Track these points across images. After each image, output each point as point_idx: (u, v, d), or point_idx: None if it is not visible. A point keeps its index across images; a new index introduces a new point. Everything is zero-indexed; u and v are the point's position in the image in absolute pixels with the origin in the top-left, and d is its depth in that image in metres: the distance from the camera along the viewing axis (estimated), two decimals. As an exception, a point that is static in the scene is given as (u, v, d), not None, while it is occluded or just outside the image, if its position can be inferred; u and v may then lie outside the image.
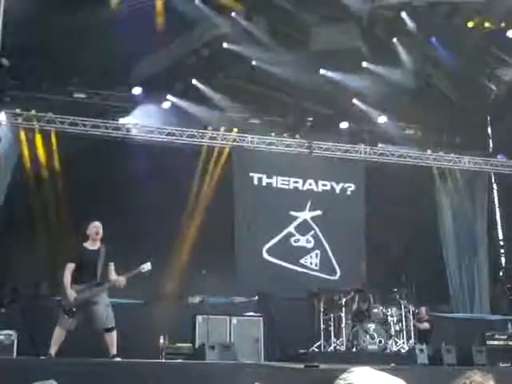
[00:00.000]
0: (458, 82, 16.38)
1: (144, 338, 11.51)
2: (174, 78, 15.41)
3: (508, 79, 17.27)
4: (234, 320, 12.13)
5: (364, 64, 15.66)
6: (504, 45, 16.04)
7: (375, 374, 1.42)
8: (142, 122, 15.35)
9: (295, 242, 15.76)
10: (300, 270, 15.54)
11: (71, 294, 9.03)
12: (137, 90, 15.30)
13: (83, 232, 9.65)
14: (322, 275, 15.52)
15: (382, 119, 16.84)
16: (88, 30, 13.03)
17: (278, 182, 16.07)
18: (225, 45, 14.98)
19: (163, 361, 10.85)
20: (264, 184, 15.97)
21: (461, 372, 1.95)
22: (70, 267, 9.21)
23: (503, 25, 15.18)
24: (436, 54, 15.66)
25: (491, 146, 18.52)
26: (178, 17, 13.74)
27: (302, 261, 15.63)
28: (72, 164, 14.18)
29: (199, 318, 11.96)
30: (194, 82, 15.50)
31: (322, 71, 15.64)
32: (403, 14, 14.86)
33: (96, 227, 9.64)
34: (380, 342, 12.47)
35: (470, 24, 15.14)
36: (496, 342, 12.95)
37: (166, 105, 15.60)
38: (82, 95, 15.44)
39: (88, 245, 9.54)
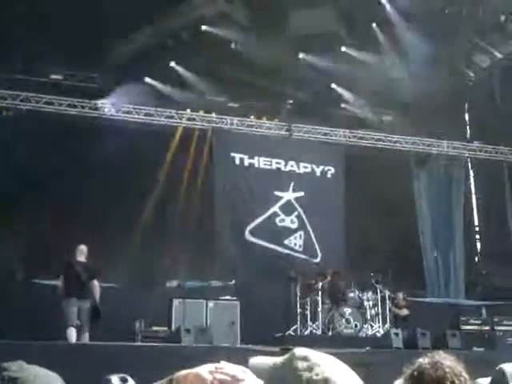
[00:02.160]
0: (435, 69, 16.40)
1: (120, 322, 11.47)
2: (153, 61, 15.26)
3: (486, 66, 17.35)
4: (211, 304, 12.13)
5: (343, 49, 15.63)
6: (482, 31, 16.09)
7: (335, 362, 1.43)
8: (119, 103, 15.21)
9: (280, 221, 15.77)
10: (283, 251, 15.56)
11: None
12: (114, 72, 15.13)
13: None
14: (304, 257, 15.56)
15: (361, 104, 16.85)
16: (65, 11, 12.87)
17: (260, 162, 16.05)
18: (204, 27, 14.86)
19: (138, 343, 10.82)
20: (246, 164, 15.94)
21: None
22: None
23: (481, 11, 15.22)
24: (414, 40, 15.65)
25: (468, 132, 18.62)
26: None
27: (286, 242, 15.66)
28: (46, 145, 14.02)
29: (176, 302, 11.94)
30: (173, 64, 15.38)
31: (301, 55, 15.60)
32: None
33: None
34: (356, 325, 12.55)
35: (448, 10, 15.16)
36: (470, 327, 13.06)
37: (144, 87, 15.44)
38: (59, 76, 15.25)
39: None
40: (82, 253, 10.90)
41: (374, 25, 15.43)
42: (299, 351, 1.38)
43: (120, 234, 13.82)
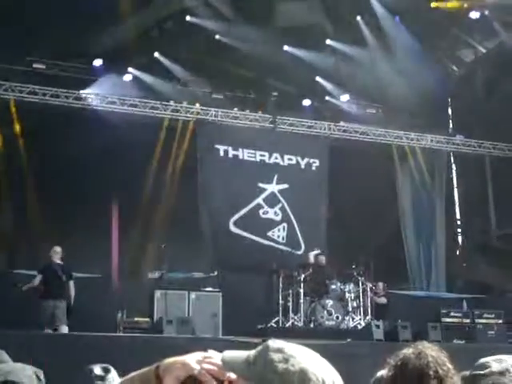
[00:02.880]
0: (419, 62, 16.45)
1: (102, 312, 11.44)
2: (136, 51, 15.18)
3: (469, 60, 17.45)
4: (193, 295, 12.12)
5: (328, 42, 15.65)
6: (466, 26, 16.17)
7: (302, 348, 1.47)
8: (103, 93, 15.12)
9: (264, 213, 15.78)
10: (266, 242, 15.58)
11: None
12: (98, 62, 15.05)
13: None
14: (287, 249, 15.58)
15: (345, 97, 16.89)
16: (49, 1, 12.78)
17: (245, 154, 16.03)
18: (188, 18, 14.81)
19: (120, 334, 10.81)
20: (230, 156, 15.92)
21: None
22: None
23: (465, 6, 15.28)
24: (399, 34, 15.70)
25: (451, 126, 18.71)
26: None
27: (269, 233, 15.67)
28: (31, 135, 13.96)
29: (158, 293, 11.92)
30: (157, 55, 15.31)
31: (285, 47, 15.59)
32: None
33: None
34: (337, 317, 12.59)
35: (434, 5, 15.21)
36: (451, 320, 13.15)
37: (128, 77, 15.38)
38: (42, 66, 15.11)
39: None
40: (57, 254, 10.94)
41: (359, 18, 15.46)
42: (273, 343, 1.39)
43: (103, 224, 13.78)
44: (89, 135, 13.87)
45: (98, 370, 4.31)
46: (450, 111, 18.90)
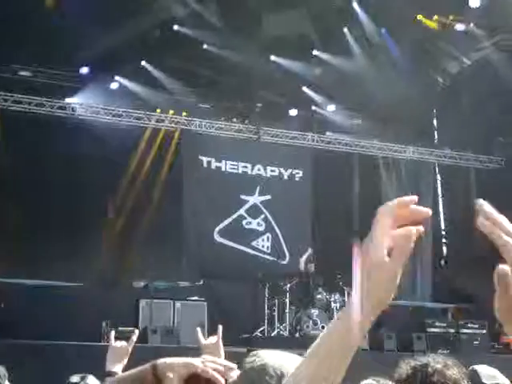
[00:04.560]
0: (405, 74, 16.54)
1: (86, 322, 11.39)
2: (123, 59, 15.17)
3: (454, 72, 17.56)
4: (178, 304, 12.10)
5: (314, 52, 15.70)
6: (452, 38, 16.27)
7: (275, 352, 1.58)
8: (89, 102, 15.07)
9: (247, 224, 15.81)
10: (251, 252, 15.61)
11: None
12: (84, 70, 15.02)
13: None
14: (272, 258, 15.59)
15: (331, 108, 16.95)
16: (34, 7, 12.75)
17: (227, 166, 16.05)
18: (175, 27, 14.82)
19: (104, 343, 10.75)
20: (213, 167, 15.93)
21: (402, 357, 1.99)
22: None
23: (451, 18, 15.40)
24: (385, 45, 15.79)
25: (436, 137, 18.80)
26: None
27: (253, 243, 15.70)
28: (14, 142, 13.89)
29: (143, 302, 11.89)
30: (143, 63, 15.30)
31: (272, 57, 15.63)
32: (354, 4, 14.94)
33: None
34: (323, 327, 12.58)
35: (420, 17, 15.31)
36: (436, 330, 13.18)
37: (114, 85, 15.37)
38: (28, 73, 15.06)
39: None
40: None
41: (346, 30, 15.53)
42: (254, 351, 1.58)
43: (87, 233, 13.73)
44: (73, 145, 13.85)
45: (74, 378, 4.32)
46: (435, 123, 19.00)
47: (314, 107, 17.01)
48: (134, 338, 3.42)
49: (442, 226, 18.54)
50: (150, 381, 1.44)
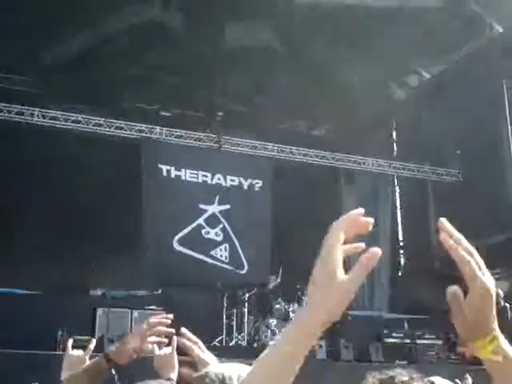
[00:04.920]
0: (366, 86, 16.73)
1: (42, 330, 11.22)
2: (86, 65, 15.04)
3: (415, 85, 17.82)
4: (136, 313, 11.99)
5: (277, 62, 15.78)
6: (412, 51, 16.50)
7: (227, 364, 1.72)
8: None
9: (206, 234, 15.77)
10: (210, 261, 15.57)
11: None
12: (48, 76, 14.85)
13: None
14: (230, 268, 15.58)
15: (293, 118, 17.05)
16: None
17: (187, 174, 16.00)
18: (138, 34, 14.74)
19: (60, 352, 10.60)
20: (173, 176, 15.87)
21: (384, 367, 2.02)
22: None
23: (413, 30, 15.62)
24: (349, 57, 15.94)
25: (395, 149, 19.03)
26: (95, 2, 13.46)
27: (212, 252, 15.66)
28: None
29: (99, 311, 11.76)
30: (106, 71, 15.19)
31: (235, 66, 15.65)
32: (320, 15, 15.06)
33: None
34: (281, 337, 12.59)
35: (382, 28, 15.49)
36: (393, 340, 13.29)
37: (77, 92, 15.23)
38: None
39: None
40: None
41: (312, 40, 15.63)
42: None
43: (44, 241, 13.55)
44: (31, 151, 13.70)
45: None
46: (394, 135, 19.25)
47: (274, 117, 17.07)
48: (92, 346, 3.37)
49: (400, 238, 18.76)
50: (104, 368, 1.56)
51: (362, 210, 1.29)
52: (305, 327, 1.22)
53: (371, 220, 1.28)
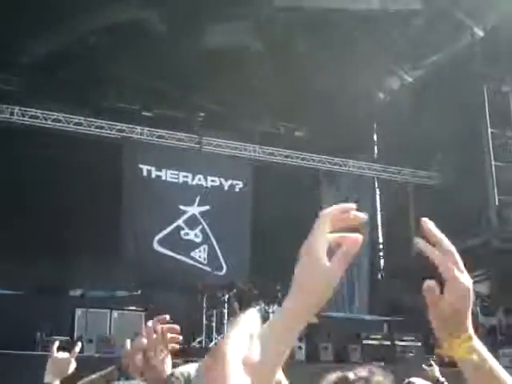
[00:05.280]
0: (348, 89, 16.79)
1: (20, 330, 11.14)
2: (59, 64, 14.91)
3: (395, 88, 17.91)
4: (115, 314, 11.95)
5: (258, 63, 15.80)
6: (394, 54, 16.60)
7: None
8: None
9: (185, 235, 15.75)
10: (191, 262, 15.55)
11: None
12: (29, 75, 14.74)
13: None
14: (209, 270, 15.57)
15: (274, 119, 17.06)
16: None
17: (168, 175, 15.96)
18: (117, 34, 14.68)
19: (38, 353, 10.54)
20: (153, 176, 15.83)
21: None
22: None
23: (394, 33, 15.73)
24: (329, 60, 15.98)
25: (376, 151, 19.12)
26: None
27: (192, 254, 15.65)
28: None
29: (78, 311, 11.72)
30: (87, 70, 15.11)
31: (215, 68, 15.61)
32: (301, 18, 15.10)
33: None
34: (260, 338, 12.59)
35: (364, 31, 15.59)
36: (371, 342, 13.35)
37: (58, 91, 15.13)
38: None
39: None
40: None
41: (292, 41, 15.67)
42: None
43: (23, 241, 13.46)
44: (9, 150, 13.60)
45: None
46: (375, 137, 19.34)
47: (256, 119, 17.09)
48: (77, 349, 3.32)
49: (380, 240, 18.84)
50: (115, 375, 1.59)
51: (353, 206, 1.30)
52: (292, 310, 1.22)
53: (364, 216, 1.29)
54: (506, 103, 15.48)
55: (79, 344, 3.38)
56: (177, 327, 1.62)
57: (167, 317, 1.63)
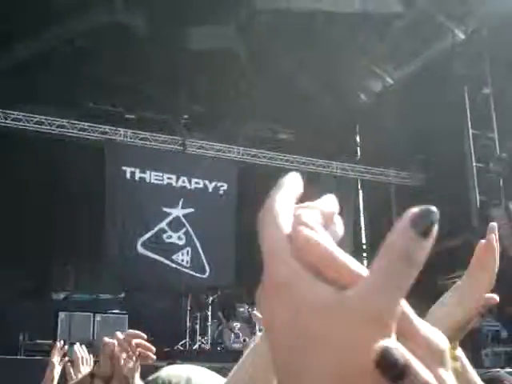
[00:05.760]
0: (330, 91, 16.86)
1: (3, 334, 11.07)
2: (41, 66, 14.84)
3: (378, 90, 18.00)
4: (98, 317, 11.90)
5: (241, 66, 15.83)
6: (376, 57, 16.68)
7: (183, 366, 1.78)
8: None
9: (167, 238, 15.68)
10: (173, 265, 15.50)
11: None
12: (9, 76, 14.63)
13: None
14: (192, 273, 15.53)
15: (257, 121, 17.08)
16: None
17: (152, 177, 15.90)
18: (100, 36, 14.65)
19: (21, 357, 10.48)
20: (137, 178, 15.76)
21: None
22: None
23: (376, 36, 15.81)
24: (312, 62, 16.05)
25: (359, 153, 19.19)
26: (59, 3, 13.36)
27: (174, 257, 15.58)
28: None
29: (62, 315, 11.65)
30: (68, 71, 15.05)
31: (199, 70, 15.63)
32: (283, 21, 15.15)
33: None
34: (244, 340, 12.61)
35: (345, 34, 15.66)
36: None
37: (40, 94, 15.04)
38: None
39: None
40: None
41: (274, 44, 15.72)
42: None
43: (6, 243, 13.38)
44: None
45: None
46: (358, 139, 19.42)
47: (240, 120, 17.10)
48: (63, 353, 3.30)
49: (363, 241, 18.92)
50: (88, 381, 1.62)
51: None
52: None
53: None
54: (487, 105, 15.60)
55: (65, 347, 3.36)
56: (152, 348, 1.59)
57: (144, 335, 1.62)
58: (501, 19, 14.75)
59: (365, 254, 18.86)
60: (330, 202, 0.58)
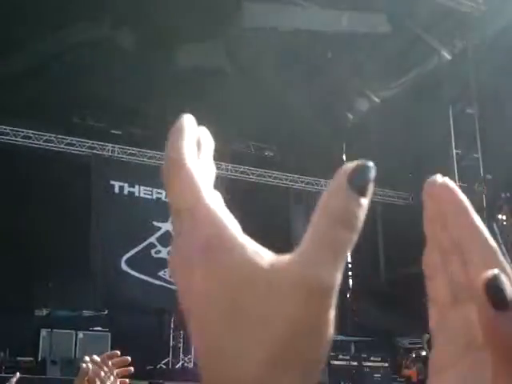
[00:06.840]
0: (318, 110, 16.90)
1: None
2: (29, 81, 14.79)
3: (365, 109, 18.07)
4: (81, 334, 11.79)
5: (228, 83, 15.83)
6: (364, 76, 16.75)
7: None
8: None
9: (156, 253, 15.56)
10: (157, 282, 15.36)
11: None
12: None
13: None
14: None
15: (245, 139, 17.09)
16: None
17: (141, 191, 15.83)
18: (87, 52, 14.63)
19: (1, 375, 10.32)
20: (126, 193, 15.68)
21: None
22: None
23: (363, 55, 15.89)
24: (299, 80, 16.09)
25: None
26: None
27: (160, 273, 15.46)
28: None
29: (43, 332, 11.53)
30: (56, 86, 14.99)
31: (187, 86, 15.62)
32: (269, 39, 15.19)
33: None
34: (228, 359, 12.52)
35: (332, 53, 15.72)
36: (339, 362, 13.32)
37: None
38: None
39: None
40: None
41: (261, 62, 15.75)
42: None
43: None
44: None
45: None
46: (344, 157, 19.45)
47: (228, 138, 17.07)
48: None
49: (349, 259, 18.89)
50: None
51: None
52: None
53: None
54: (472, 125, 15.67)
55: (17, 374, 3.29)
56: (127, 359, 1.54)
57: (118, 352, 1.57)
58: (487, 40, 14.89)
59: (349, 273, 18.82)
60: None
